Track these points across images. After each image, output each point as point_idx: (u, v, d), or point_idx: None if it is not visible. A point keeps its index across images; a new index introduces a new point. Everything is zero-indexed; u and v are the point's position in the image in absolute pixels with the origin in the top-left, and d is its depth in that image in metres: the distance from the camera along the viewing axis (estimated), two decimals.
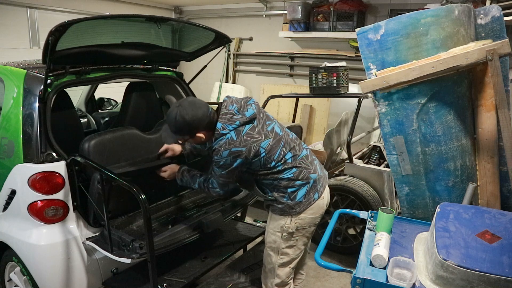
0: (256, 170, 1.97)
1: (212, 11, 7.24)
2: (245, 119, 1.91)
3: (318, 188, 2.05)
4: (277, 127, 2.02)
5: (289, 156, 1.98)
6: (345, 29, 5.35)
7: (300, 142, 2.13)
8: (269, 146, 1.91)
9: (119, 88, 3.07)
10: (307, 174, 2.00)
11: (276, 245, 2.09)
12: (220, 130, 1.87)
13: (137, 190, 1.84)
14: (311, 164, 2.06)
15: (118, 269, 2.25)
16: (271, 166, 1.94)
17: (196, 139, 1.98)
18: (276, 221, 2.06)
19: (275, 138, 1.95)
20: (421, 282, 1.45)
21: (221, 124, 1.88)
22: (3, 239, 2.23)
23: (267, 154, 1.91)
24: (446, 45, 1.87)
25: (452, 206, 1.69)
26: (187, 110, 1.88)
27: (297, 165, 1.98)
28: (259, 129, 1.93)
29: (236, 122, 1.88)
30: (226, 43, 2.77)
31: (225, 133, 1.86)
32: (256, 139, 1.89)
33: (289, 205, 1.99)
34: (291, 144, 2.02)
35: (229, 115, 1.90)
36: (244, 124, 1.90)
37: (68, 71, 2.28)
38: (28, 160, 2.07)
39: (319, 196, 2.05)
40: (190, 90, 3.06)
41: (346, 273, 2.11)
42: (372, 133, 4.38)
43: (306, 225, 2.06)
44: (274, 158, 1.93)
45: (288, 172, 1.96)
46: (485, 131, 1.95)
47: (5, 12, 5.33)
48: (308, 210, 2.02)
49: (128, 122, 2.80)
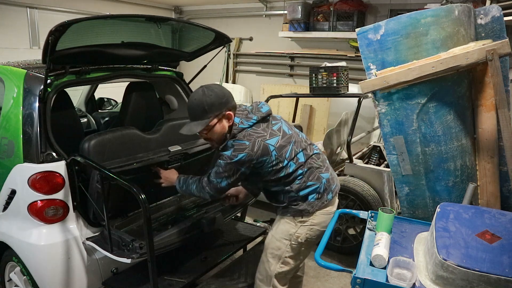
0: (267, 173, 1.88)
1: (212, 11, 7.24)
2: (262, 114, 1.89)
3: (332, 187, 1.99)
4: (284, 127, 1.96)
5: (301, 156, 1.92)
6: (345, 29, 5.35)
7: (311, 142, 2.07)
8: (278, 143, 1.85)
9: (119, 88, 3.07)
10: (318, 174, 1.94)
11: (279, 252, 1.99)
12: (238, 124, 1.83)
13: (137, 190, 1.84)
14: (322, 163, 1.99)
15: (118, 269, 2.25)
16: (284, 165, 1.86)
17: (221, 124, 1.85)
18: (285, 226, 1.96)
19: (284, 136, 1.89)
20: (421, 282, 1.45)
21: (239, 119, 1.84)
22: (3, 239, 2.23)
23: (277, 152, 1.84)
24: (446, 45, 1.87)
25: (452, 206, 1.69)
26: (213, 87, 1.85)
27: (308, 166, 1.92)
28: (264, 127, 1.88)
29: (254, 117, 1.86)
30: (226, 43, 2.77)
31: (244, 128, 1.83)
32: (260, 135, 1.83)
33: (302, 207, 1.91)
34: (303, 144, 1.96)
35: (246, 112, 1.88)
36: (262, 121, 1.87)
37: (68, 71, 2.27)
38: (28, 160, 2.06)
39: (333, 196, 2.00)
40: (190, 90, 3.06)
41: (346, 273, 2.11)
42: (372, 133, 4.38)
43: (315, 237, 1.98)
44: (286, 157, 1.86)
45: (299, 174, 1.89)
46: (485, 131, 1.95)
47: (5, 12, 5.33)
48: (321, 215, 1.94)
49: (128, 122, 2.79)
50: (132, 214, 2.37)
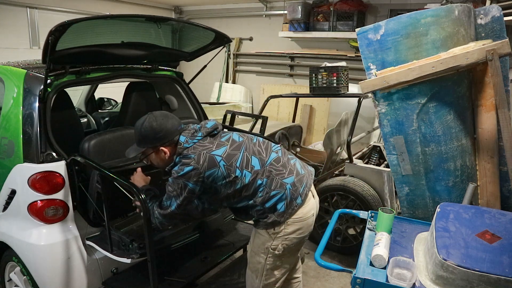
0: (223, 187, 1.79)
1: (212, 11, 7.24)
2: (208, 130, 1.83)
3: (300, 191, 1.85)
4: (235, 136, 1.89)
5: (256, 162, 1.82)
6: (345, 29, 5.36)
7: (267, 144, 1.94)
8: (225, 153, 1.78)
9: (119, 88, 3.07)
10: (280, 181, 1.81)
11: (260, 266, 1.92)
12: (183, 143, 1.78)
13: (137, 190, 1.84)
14: (283, 167, 1.86)
15: (118, 269, 2.25)
16: (237, 175, 1.77)
17: (159, 155, 1.85)
18: (261, 240, 1.88)
19: (232, 145, 1.82)
20: (421, 282, 1.45)
21: (185, 138, 1.79)
22: (3, 239, 2.23)
23: (226, 161, 1.76)
24: (446, 45, 1.87)
25: (452, 206, 1.69)
26: (157, 118, 1.79)
27: (266, 173, 1.81)
28: (211, 140, 1.82)
29: (199, 134, 1.81)
30: (226, 43, 2.77)
31: (188, 147, 1.77)
32: (206, 147, 1.77)
33: (272, 219, 1.81)
34: (254, 149, 1.86)
35: (192, 130, 1.83)
36: (207, 136, 1.82)
37: (68, 71, 2.27)
38: (28, 160, 2.06)
39: (303, 200, 1.85)
40: (190, 90, 3.06)
41: (346, 273, 2.11)
42: (372, 133, 4.38)
43: (293, 245, 1.89)
44: (237, 165, 1.77)
45: (259, 185, 1.80)
46: (485, 131, 1.95)
47: (5, 12, 5.34)
48: (294, 223, 1.84)
49: (128, 122, 2.79)
50: (132, 214, 2.37)
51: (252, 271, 1.97)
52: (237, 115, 3.49)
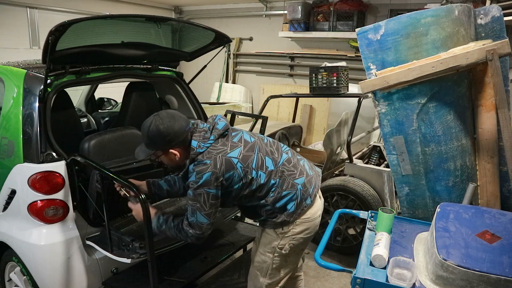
0: (239, 189, 1.77)
1: (212, 11, 7.25)
2: (219, 131, 1.78)
3: (309, 191, 1.88)
4: (246, 135, 1.86)
5: (270, 163, 1.81)
6: (345, 29, 5.36)
7: (278, 145, 1.94)
8: (240, 154, 1.75)
9: (119, 88, 3.07)
10: (292, 181, 1.83)
11: (265, 265, 1.92)
12: (196, 148, 1.72)
13: (137, 190, 1.84)
14: (294, 167, 1.88)
15: (118, 269, 2.25)
16: (253, 177, 1.76)
17: (169, 157, 1.80)
18: (268, 239, 1.89)
19: (246, 146, 1.79)
20: (421, 282, 1.45)
21: (197, 142, 1.73)
22: (3, 239, 2.23)
23: (243, 163, 1.74)
24: (446, 45, 1.87)
25: (452, 206, 1.69)
26: (164, 120, 1.73)
27: (279, 174, 1.82)
28: (224, 141, 1.77)
29: (211, 137, 1.75)
30: (226, 43, 2.77)
31: (202, 152, 1.72)
32: (220, 150, 1.73)
33: (281, 219, 1.83)
34: (267, 149, 1.86)
35: (203, 133, 1.77)
36: (221, 137, 1.78)
37: (68, 71, 2.27)
38: (28, 160, 2.06)
39: (312, 201, 1.88)
40: (190, 90, 3.06)
41: (346, 273, 2.11)
42: (372, 133, 4.38)
43: (300, 245, 1.91)
44: (253, 166, 1.76)
45: (272, 185, 1.80)
46: (485, 131, 1.95)
47: (5, 12, 5.34)
48: (302, 224, 1.86)
49: (128, 122, 2.80)
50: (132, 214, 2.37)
51: (257, 270, 1.96)
52: (237, 115, 3.49)
